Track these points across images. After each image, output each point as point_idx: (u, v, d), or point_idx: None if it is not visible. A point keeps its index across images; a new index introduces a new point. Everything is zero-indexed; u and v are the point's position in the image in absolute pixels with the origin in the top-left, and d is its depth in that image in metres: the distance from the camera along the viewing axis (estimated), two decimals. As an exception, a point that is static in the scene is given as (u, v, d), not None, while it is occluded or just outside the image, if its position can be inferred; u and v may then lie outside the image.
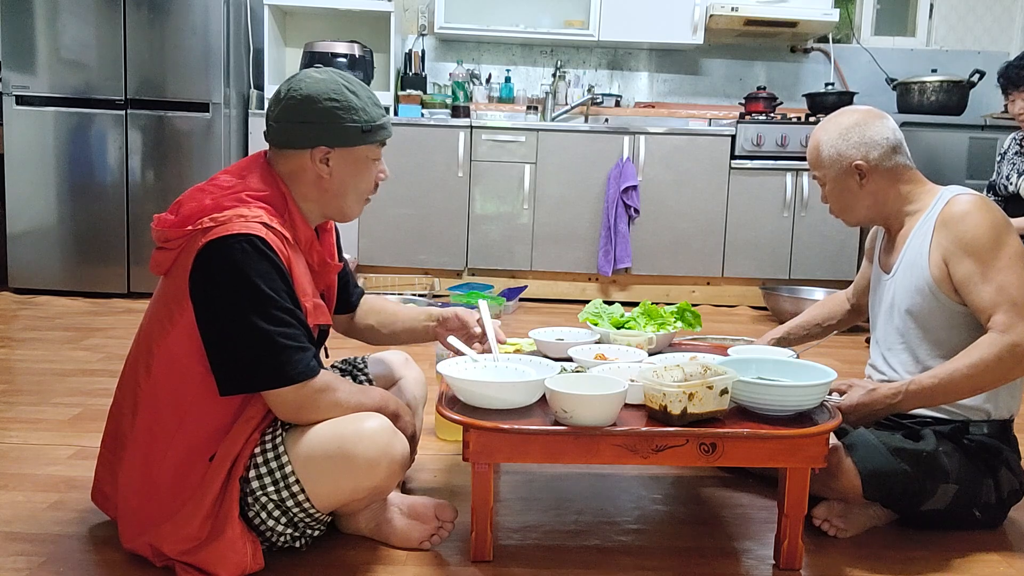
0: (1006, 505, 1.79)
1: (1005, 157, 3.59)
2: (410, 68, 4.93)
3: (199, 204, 1.47)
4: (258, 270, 1.40)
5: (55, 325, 3.64)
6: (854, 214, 1.89)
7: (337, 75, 1.56)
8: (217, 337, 1.43)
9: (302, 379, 1.44)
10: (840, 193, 1.87)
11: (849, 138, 1.82)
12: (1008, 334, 1.63)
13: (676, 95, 5.19)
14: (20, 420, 2.35)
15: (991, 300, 1.66)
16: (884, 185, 1.84)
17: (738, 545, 1.73)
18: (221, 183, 1.52)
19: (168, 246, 1.49)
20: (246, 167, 1.56)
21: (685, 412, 1.49)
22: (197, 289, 1.43)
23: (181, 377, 1.47)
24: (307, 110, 1.51)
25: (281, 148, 1.56)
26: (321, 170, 1.55)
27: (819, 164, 1.87)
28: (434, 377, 1.84)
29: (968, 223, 1.71)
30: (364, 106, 1.55)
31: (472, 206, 4.54)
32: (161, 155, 4.28)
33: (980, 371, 1.65)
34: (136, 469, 1.50)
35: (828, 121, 1.89)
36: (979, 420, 1.76)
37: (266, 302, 1.41)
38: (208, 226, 1.43)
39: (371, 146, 1.58)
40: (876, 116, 1.85)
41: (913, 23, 5.23)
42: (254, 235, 1.41)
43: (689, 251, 4.58)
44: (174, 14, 4.17)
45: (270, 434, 1.50)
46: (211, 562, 1.44)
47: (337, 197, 1.59)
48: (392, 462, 1.50)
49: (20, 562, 1.54)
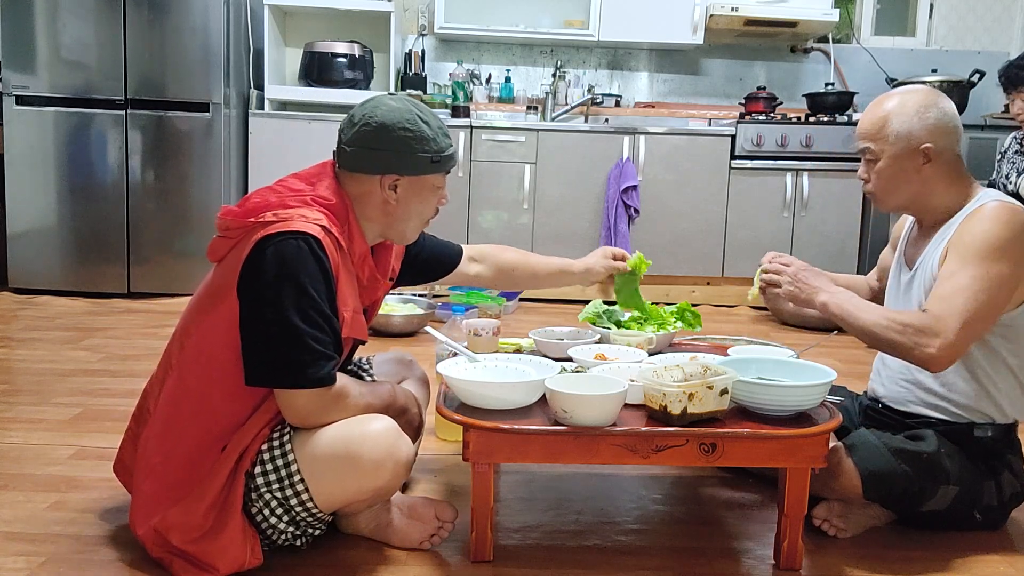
0: (1007, 508, 1.79)
1: (1005, 156, 3.60)
2: (410, 68, 4.93)
3: (265, 200, 1.52)
4: (307, 270, 1.43)
5: (55, 325, 3.64)
6: (896, 198, 1.79)
7: (411, 104, 1.58)
8: (254, 327, 1.45)
9: (320, 385, 1.46)
10: (894, 173, 1.75)
11: (926, 118, 1.71)
12: (938, 335, 1.59)
13: (676, 95, 5.19)
14: (20, 420, 2.35)
15: (937, 293, 1.64)
16: (939, 175, 1.75)
17: (738, 545, 1.73)
18: (290, 185, 1.56)
19: (228, 235, 1.53)
20: (316, 175, 1.60)
21: (685, 412, 1.49)
22: (247, 277, 1.46)
23: (208, 361, 1.50)
24: (382, 138, 1.54)
25: (352, 171, 1.58)
26: (389, 196, 1.58)
27: (881, 137, 1.74)
28: (434, 377, 1.84)
29: (976, 228, 1.66)
30: (435, 136, 1.58)
31: (472, 206, 4.54)
32: (161, 155, 4.28)
33: (890, 331, 1.63)
34: (153, 448, 1.53)
35: (901, 94, 1.76)
36: (983, 423, 1.75)
37: (307, 303, 1.43)
38: (270, 220, 1.47)
39: (438, 175, 1.61)
40: (947, 99, 1.75)
41: (913, 23, 5.23)
42: (311, 235, 1.45)
43: (689, 251, 4.58)
44: (174, 14, 4.17)
45: (278, 432, 1.51)
46: (211, 554, 1.45)
47: (401, 221, 1.62)
48: (397, 464, 1.50)
49: (20, 562, 1.54)
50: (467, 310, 3.80)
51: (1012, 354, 1.73)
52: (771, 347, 2.10)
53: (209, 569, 1.46)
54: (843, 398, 1.95)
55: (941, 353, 1.59)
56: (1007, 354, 1.73)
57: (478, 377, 1.64)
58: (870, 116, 1.77)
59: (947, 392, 1.76)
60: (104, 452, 2.07)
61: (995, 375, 1.73)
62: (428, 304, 3.86)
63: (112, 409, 2.45)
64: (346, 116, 1.60)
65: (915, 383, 1.81)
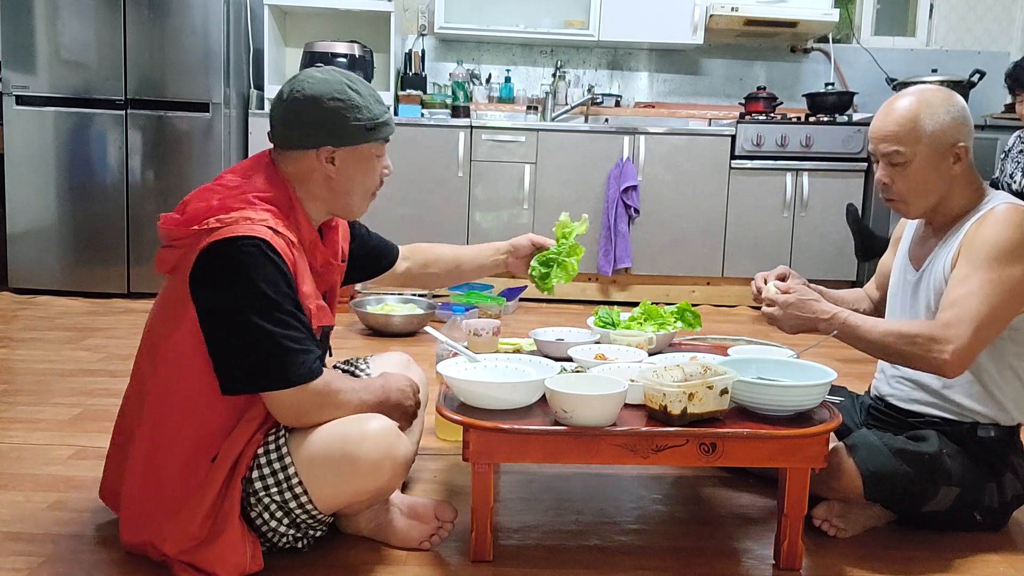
0: (1008, 509, 1.78)
1: (1009, 155, 3.59)
2: (410, 68, 4.93)
3: (206, 204, 1.47)
4: (263, 274, 1.40)
5: (55, 325, 3.64)
6: (927, 200, 1.72)
7: (340, 74, 1.56)
8: (219, 337, 1.43)
9: (303, 381, 1.44)
10: (928, 174, 1.67)
11: (957, 116, 1.66)
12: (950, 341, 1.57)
13: (676, 95, 5.19)
14: (20, 420, 2.35)
15: (948, 299, 1.62)
16: (964, 174, 1.70)
17: (738, 545, 1.72)
18: (227, 182, 1.53)
19: (174, 244, 1.49)
20: (251, 167, 1.57)
21: (685, 412, 1.49)
22: (199, 288, 1.43)
23: (186, 376, 1.47)
24: (313, 111, 1.52)
25: (286, 149, 1.56)
26: (328, 169, 1.55)
27: (914, 139, 1.65)
28: (434, 377, 1.84)
29: (988, 231, 1.64)
30: (367, 104, 1.55)
31: (472, 206, 4.54)
32: (161, 155, 4.28)
33: (899, 344, 1.61)
34: (140, 466, 1.51)
35: (918, 93, 1.69)
36: (987, 423, 1.74)
37: (270, 305, 1.40)
38: (214, 227, 1.43)
39: (376, 143, 1.59)
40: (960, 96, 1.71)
41: (913, 23, 5.23)
42: (260, 238, 1.41)
43: (689, 251, 4.58)
44: (174, 14, 4.17)
45: (273, 435, 1.50)
46: (210, 561, 1.44)
47: (344, 195, 1.60)
48: (395, 463, 1.50)
49: (20, 562, 1.54)
50: (467, 310, 3.80)
51: (1018, 357, 1.73)
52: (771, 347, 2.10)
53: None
54: (843, 398, 1.95)
55: (955, 359, 1.58)
56: (1012, 357, 1.72)
57: (478, 377, 1.64)
58: (896, 117, 1.68)
59: (951, 393, 1.76)
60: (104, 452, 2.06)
61: (999, 377, 1.73)
62: (428, 304, 3.86)
63: (112, 409, 2.42)
64: (275, 94, 1.58)
65: (918, 383, 1.81)
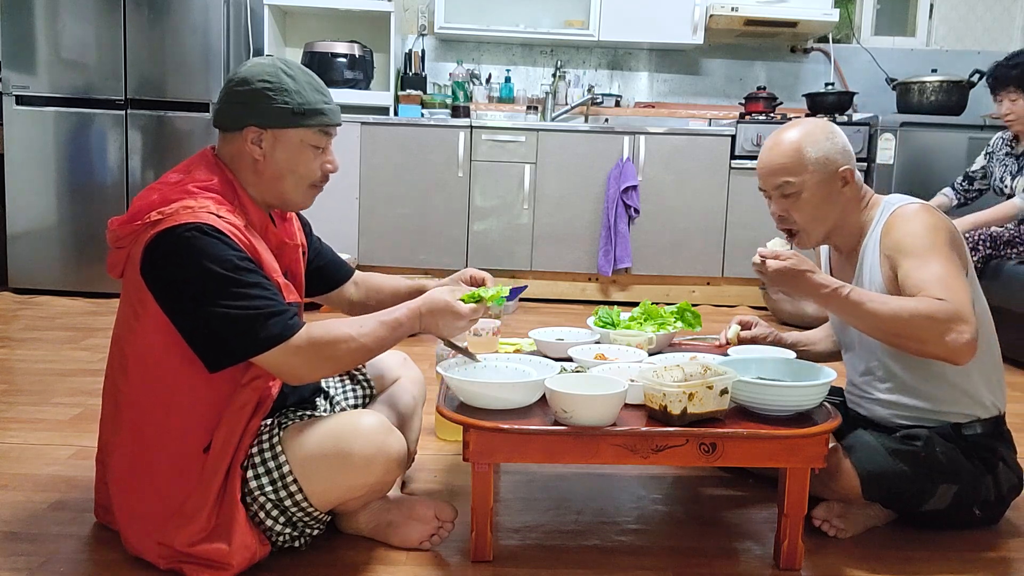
0: (1006, 501, 1.79)
1: (993, 157, 3.63)
2: (410, 68, 4.93)
3: (147, 201, 1.47)
4: (209, 255, 1.39)
5: (55, 325, 3.64)
6: (823, 227, 1.79)
7: (280, 61, 1.57)
8: (186, 323, 1.42)
9: (278, 342, 1.41)
10: (820, 201, 1.75)
11: (836, 141, 1.75)
12: (967, 320, 1.54)
13: (676, 95, 5.19)
14: (20, 420, 2.35)
15: (924, 281, 1.59)
16: (853, 196, 1.78)
17: (738, 545, 1.73)
18: (168, 179, 1.54)
19: (119, 244, 1.49)
20: (192, 162, 1.58)
21: (685, 412, 1.49)
22: (153, 281, 1.43)
23: (158, 372, 1.46)
24: (241, 91, 1.53)
25: (221, 131, 1.58)
26: (254, 151, 1.55)
27: (799, 168, 1.73)
28: (434, 377, 1.84)
29: (905, 228, 1.68)
30: (299, 89, 1.55)
31: (472, 206, 4.54)
32: (161, 155, 4.28)
33: (916, 318, 1.54)
34: (126, 472, 1.50)
35: (797, 126, 1.78)
36: (969, 421, 1.75)
37: (224, 282, 1.39)
38: (155, 219, 1.43)
39: (307, 130, 1.56)
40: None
41: (913, 23, 5.23)
42: (203, 223, 1.41)
43: (689, 251, 4.58)
44: (174, 14, 4.17)
45: (267, 432, 1.50)
46: (222, 551, 1.44)
47: (273, 181, 1.57)
48: (388, 460, 1.50)
49: (20, 562, 1.54)
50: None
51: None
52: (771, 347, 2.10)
53: (223, 567, 1.45)
54: (843, 398, 1.95)
55: (974, 338, 1.54)
56: None
57: (478, 377, 1.64)
58: (781, 150, 1.75)
59: (922, 402, 1.75)
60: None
61: (964, 369, 1.68)
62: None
63: (112, 409, 2.45)
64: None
65: (889, 403, 1.79)
